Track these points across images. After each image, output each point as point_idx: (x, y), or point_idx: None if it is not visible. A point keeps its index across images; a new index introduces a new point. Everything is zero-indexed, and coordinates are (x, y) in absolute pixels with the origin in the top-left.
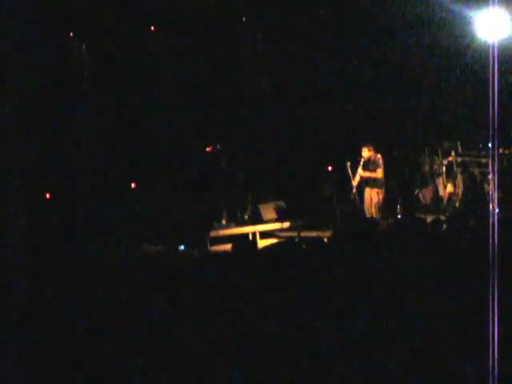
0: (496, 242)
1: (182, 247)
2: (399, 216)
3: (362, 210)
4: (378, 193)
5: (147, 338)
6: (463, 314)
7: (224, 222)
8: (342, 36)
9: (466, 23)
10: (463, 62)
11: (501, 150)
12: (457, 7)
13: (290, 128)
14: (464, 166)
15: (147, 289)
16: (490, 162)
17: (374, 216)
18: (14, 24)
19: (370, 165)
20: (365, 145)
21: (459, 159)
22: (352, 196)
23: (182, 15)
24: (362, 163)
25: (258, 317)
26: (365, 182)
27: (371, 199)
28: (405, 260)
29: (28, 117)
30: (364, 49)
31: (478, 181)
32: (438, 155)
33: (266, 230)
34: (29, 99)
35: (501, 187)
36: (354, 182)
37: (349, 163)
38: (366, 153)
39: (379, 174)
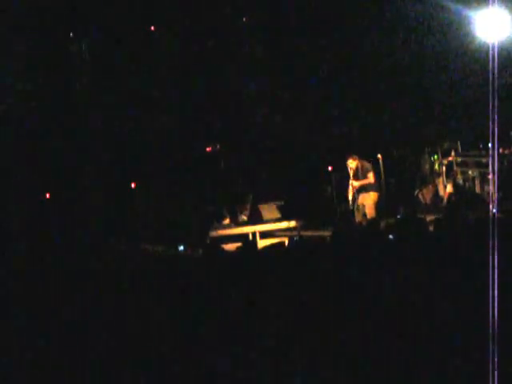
0: (496, 242)
1: (182, 247)
2: (399, 216)
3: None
4: (371, 196)
5: (147, 338)
6: (463, 315)
7: (227, 221)
8: (341, 36)
9: (465, 23)
10: (463, 62)
11: (501, 150)
12: (456, 7)
13: (290, 128)
14: (453, 166)
15: (146, 288)
16: (490, 162)
17: (369, 218)
18: (15, 23)
19: (359, 173)
20: (349, 156)
21: (459, 159)
22: (350, 207)
23: (183, 15)
24: (351, 174)
25: (259, 316)
26: (357, 190)
27: (363, 202)
28: (405, 260)
29: (28, 116)
30: (364, 49)
31: (476, 181)
32: (437, 155)
33: (265, 230)
34: (28, 99)
35: (501, 187)
36: (350, 195)
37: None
38: (352, 163)
39: (370, 178)
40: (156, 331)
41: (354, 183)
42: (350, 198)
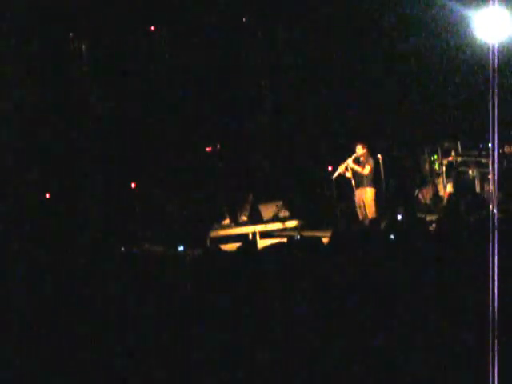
0: (495, 242)
1: (182, 247)
2: (399, 216)
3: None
4: (368, 192)
5: (147, 339)
6: (463, 317)
7: (227, 221)
8: (342, 35)
9: (465, 23)
10: (463, 62)
11: (506, 149)
12: (456, 7)
13: (290, 128)
14: (453, 166)
15: (147, 288)
16: (490, 162)
17: (369, 216)
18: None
19: (360, 161)
20: (360, 142)
21: (459, 159)
22: (333, 179)
23: (184, 14)
24: (353, 157)
25: (259, 316)
26: (355, 183)
27: (363, 199)
28: (405, 260)
29: (28, 116)
30: (365, 49)
31: (476, 181)
32: (437, 155)
33: (265, 230)
34: (29, 98)
35: (501, 187)
36: (339, 169)
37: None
38: (360, 149)
39: (366, 170)
40: (154, 331)
41: (350, 163)
42: (339, 171)
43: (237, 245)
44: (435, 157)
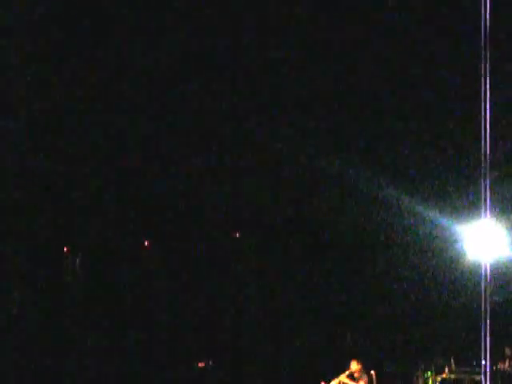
0: None
1: None
2: None
3: None
4: None
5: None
6: None
7: None
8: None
9: (457, 241)
10: (455, 281)
11: (500, 365)
12: (448, 223)
13: None
14: None
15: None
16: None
17: None
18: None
19: (354, 377)
20: (355, 358)
21: (453, 376)
22: None
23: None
24: (347, 372)
25: None
26: None
27: None
28: None
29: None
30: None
31: None
32: (431, 372)
33: None
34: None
35: None
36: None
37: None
38: (354, 365)
39: None
40: None
41: (344, 378)
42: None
43: None
44: (429, 373)
